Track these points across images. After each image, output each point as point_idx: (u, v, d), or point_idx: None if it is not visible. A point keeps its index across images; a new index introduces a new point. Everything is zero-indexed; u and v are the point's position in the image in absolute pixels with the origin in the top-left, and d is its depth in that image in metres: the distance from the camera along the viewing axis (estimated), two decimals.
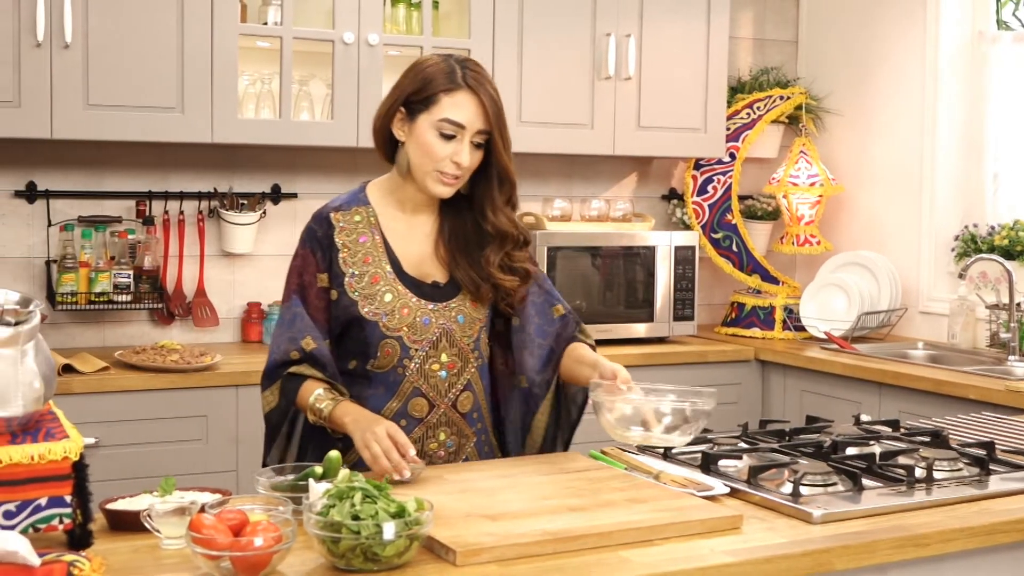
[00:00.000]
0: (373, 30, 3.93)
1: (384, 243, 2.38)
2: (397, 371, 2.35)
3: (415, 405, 2.37)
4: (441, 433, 2.39)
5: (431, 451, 2.38)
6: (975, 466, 2.35)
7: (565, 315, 2.51)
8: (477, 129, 2.29)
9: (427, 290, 2.38)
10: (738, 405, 4.38)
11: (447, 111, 2.28)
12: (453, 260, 2.39)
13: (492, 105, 2.29)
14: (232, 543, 1.69)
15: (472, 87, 2.28)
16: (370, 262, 2.36)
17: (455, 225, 2.42)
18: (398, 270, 2.37)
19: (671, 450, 2.43)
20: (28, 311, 1.76)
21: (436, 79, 2.29)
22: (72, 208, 3.95)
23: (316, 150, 4.22)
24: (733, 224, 4.79)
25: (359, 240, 2.37)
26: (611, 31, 4.31)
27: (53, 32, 3.52)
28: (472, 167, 2.33)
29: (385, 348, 2.34)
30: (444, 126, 2.28)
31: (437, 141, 2.29)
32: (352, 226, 2.38)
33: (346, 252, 2.36)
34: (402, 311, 2.34)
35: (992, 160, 4.52)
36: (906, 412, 3.75)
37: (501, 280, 2.37)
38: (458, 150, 2.29)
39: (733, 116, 4.79)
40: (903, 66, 4.72)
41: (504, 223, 2.36)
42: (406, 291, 2.35)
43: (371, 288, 2.34)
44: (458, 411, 2.40)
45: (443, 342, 2.37)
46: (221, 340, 4.17)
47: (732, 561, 1.80)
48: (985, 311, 4.30)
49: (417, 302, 2.35)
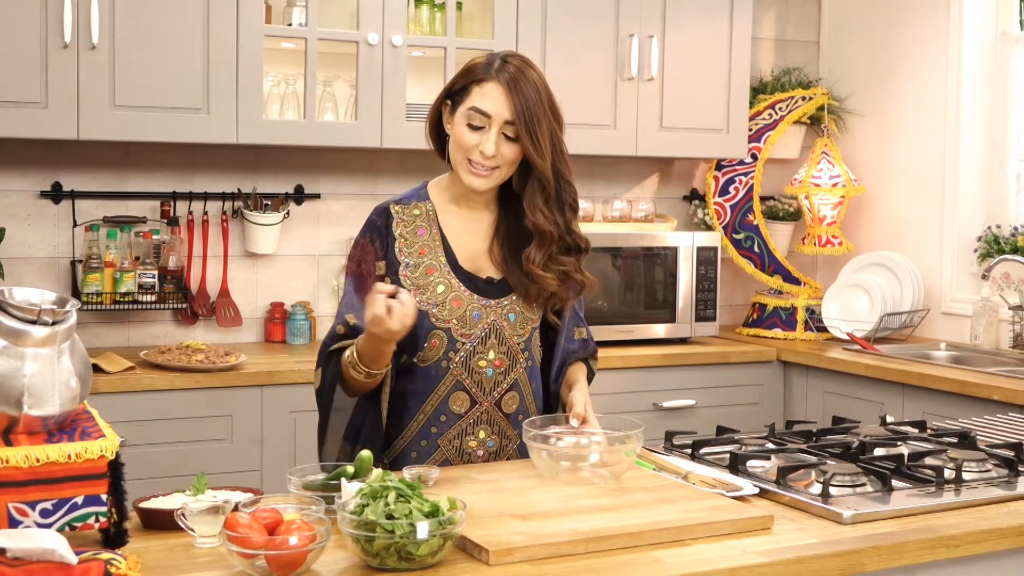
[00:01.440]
0: (397, 31, 3.95)
1: (441, 237, 2.39)
2: (441, 364, 2.35)
3: (456, 399, 2.37)
4: (481, 431, 2.38)
5: (470, 449, 2.38)
6: (1004, 467, 2.35)
7: (586, 340, 2.54)
8: (504, 120, 2.27)
9: (481, 285, 2.38)
10: (760, 406, 4.38)
11: (475, 100, 2.29)
12: (505, 259, 2.39)
13: (519, 98, 2.26)
14: (267, 542, 1.70)
15: (502, 79, 2.27)
16: (426, 254, 2.37)
17: (511, 224, 2.40)
18: (453, 263, 2.37)
19: (699, 450, 2.43)
20: (65, 311, 1.77)
21: (473, 71, 2.31)
22: (97, 208, 3.97)
23: (338, 151, 4.24)
24: (755, 225, 4.78)
25: (416, 232, 2.39)
26: (634, 32, 4.31)
27: (80, 33, 3.55)
28: (507, 160, 2.31)
29: (432, 339, 2.34)
30: (472, 115, 2.29)
31: (466, 130, 2.30)
32: (411, 219, 2.40)
33: (402, 242, 2.37)
34: (453, 303, 2.35)
35: (1015, 161, 4.51)
36: (929, 413, 3.75)
37: (540, 278, 2.35)
38: (484, 140, 2.28)
39: (755, 117, 4.79)
40: (926, 67, 4.71)
41: (542, 222, 2.32)
42: (459, 284, 2.36)
43: (425, 279, 2.35)
44: (502, 411, 2.40)
45: (492, 339, 2.37)
46: (244, 340, 4.19)
47: (764, 561, 1.81)
48: (1008, 312, 4.28)
49: (469, 296, 2.36)
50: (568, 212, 2.37)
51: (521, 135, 2.28)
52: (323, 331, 4.29)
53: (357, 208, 4.35)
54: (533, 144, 2.27)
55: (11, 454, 1.69)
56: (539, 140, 2.27)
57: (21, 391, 1.73)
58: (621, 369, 4.11)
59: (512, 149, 2.30)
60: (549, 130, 2.29)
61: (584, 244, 2.41)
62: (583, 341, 2.54)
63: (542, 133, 2.28)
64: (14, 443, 1.72)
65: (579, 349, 2.52)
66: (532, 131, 2.27)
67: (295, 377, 3.65)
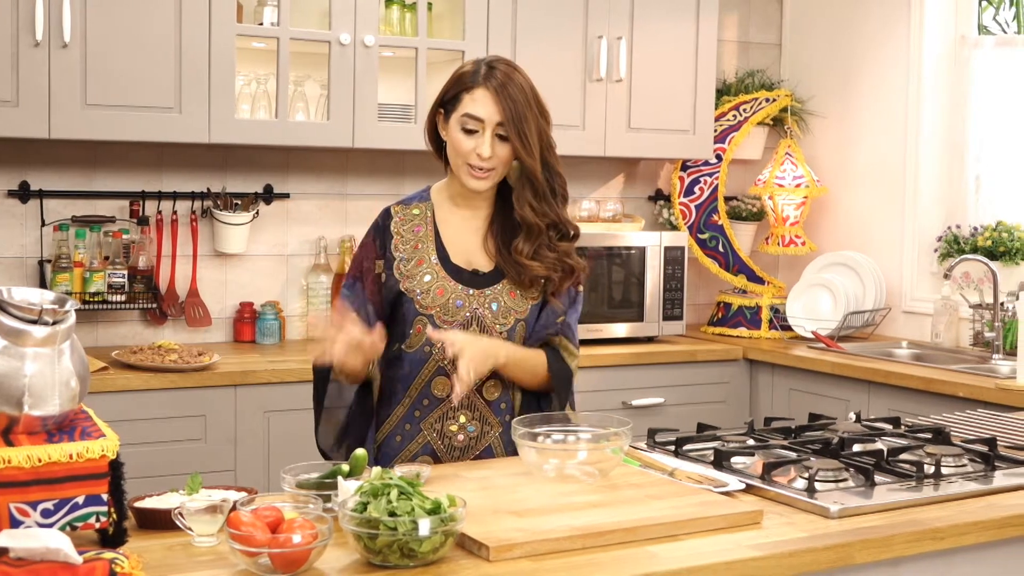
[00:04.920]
0: (369, 31, 3.95)
1: (435, 234, 2.52)
2: (424, 349, 2.46)
3: (438, 384, 2.47)
4: (462, 416, 2.48)
5: (450, 433, 2.48)
6: (980, 462, 2.41)
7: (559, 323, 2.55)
8: (496, 122, 2.40)
9: (466, 276, 2.50)
10: (727, 404, 4.43)
11: (467, 107, 2.42)
12: (499, 252, 2.50)
13: (507, 101, 2.39)
14: (271, 540, 1.71)
15: (490, 84, 2.40)
16: (419, 248, 2.50)
17: (504, 219, 2.52)
18: (443, 257, 2.50)
19: (682, 447, 2.47)
20: (65, 310, 1.77)
21: (462, 79, 2.45)
22: (65, 208, 3.94)
23: (307, 150, 4.24)
24: (720, 225, 4.84)
25: (414, 230, 2.52)
26: (603, 33, 4.35)
27: (52, 32, 3.52)
28: (502, 160, 2.43)
29: (417, 325, 2.47)
30: (466, 121, 2.41)
31: (461, 136, 2.42)
32: (410, 218, 2.54)
33: (399, 239, 2.51)
34: (437, 292, 2.47)
35: (974, 162, 4.59)
36: (895, 410, 3.80)
37: (528, 266, 2.46)
38: (479, 143, 2.40)
39: (720, 118, 4.85)
40: (886, 69, 4.79)
41: (529, 215, 2.44)
42: (446, 275, 2.48)
43: (415, 270, 2.48)
44: (483, 397, 2.49)
45: (473, 326, 2.47)
46: (213, 340, 4.18)
47: (759, 555, 1.84)
48: (968, 311, 4.37)
49: (454, 285, 2.48)
50: (559, 201, 2.49)
51: (510, 135, 2.40)
52: (293, 331, 4.30)
53: (326, 208, 4.35)
54: (522, 143, 2.40)
55: (13, 454, 1.70)
56: (527, 139, 2.40)
57: (22, 391, 1.73)
58: (590, 368, 4.14)
59: (506, 149, 2.43)
60: (537, 128, 2.42)
61: (573, 230, 2.52)
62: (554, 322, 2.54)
63: (530, 132, 2.40)
64: (15, 443, 1.72)
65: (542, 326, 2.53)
66: (521, 131, 2.40)
67: (269, 377, 3.65)
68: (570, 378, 2.57)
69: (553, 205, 2.47)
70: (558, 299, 2.53)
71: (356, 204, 4.40)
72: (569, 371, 2.56)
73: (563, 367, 2.55)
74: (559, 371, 2.53)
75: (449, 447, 2.47)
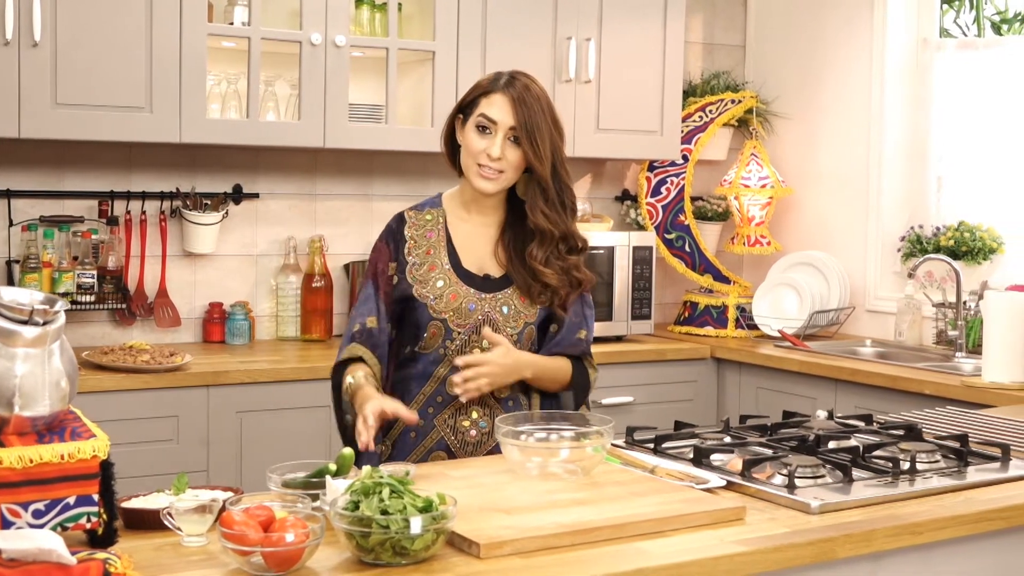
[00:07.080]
0: (340, 31, 3.95)
1: (447, 239, 2.61)
2: (439, 351, 2.56)
3: (451, 382, 2.53)
4: (474, 412, 2.56)
5: (463, 428, 2.56)
6: (953, 458, 2.45)
7: (581, 340, 2.66)
8: (509, 126, 2.49)
9: (478, 281, 2.58)
10: (694, 402, 4.47)
11: (483, 109, 2.52)
12: (510, 259, 2.58)
13: (523, 108, 2.48)
14: (264, 539, 1.72)
15: (508, 91, 2.50)
16: (431, 254, 2.59)
17: (516, 227, 2.60)
18: (455, 263, 2.59)
19: (661, 445, 2.50)
20: (55, 311, 1.77)
21: (481, 85, 2.57)
22: (33, 208, 3.91)
23: (276, 151, 4.23)
24: (686, 225, 4.88)
25: (426, 235, 2.62)
26: (572, 35, 4.37)
27: (22, 31, 3.49)
28: (511, 163, 2.51)
29: (431, 329, 2.55)
30: (480, 120, 2.52)
31: (474, 136, 2.52)
32: (422, 223, 2.63)
33: (412, 243, 2.60)
34: (450, 296, 2.55)
35: (936, 163, 4.66)
36: (861, 407, 3.86)
37: (542, 273, 2.54)
38: (491, 144, 2.49)
39: (686, 119, 4.89)
40: (850, 71, 4.85)
41: (542, 222, 2.53)
42: (458, 280, 2.57)
43: (427, 275, 2.57)
44: (494, 395, 2.56)
45: (485, 328, 2.53)
46: (183, 340, 4.16)
47: (745, 550, 1.87)
48: (931, 309, 4.43)
49: (466, 290, 2.56)
50: (568, 214, 2.57)
51: (523, 140, 2.49)
52: (263, 331, 4.29)
53: (296, 208, 4.34)
54: (533, 149, 2.48)
55: (5, 455, 1.69)
56: (539, 146, 2.49)
57: (12, 392, 1.73)
58: None
59: (516, 154, 2.50)
60: (550, 139, 2.52)
61: (582, 243, 2.61)
62: (579, 340, 2.66)
63: (543, 141, 2.49)
64: (5, 444, 1.72)
65: (569, 344, 2.63)
66: (533, 138, 2.49)
67: (241, 377, 3.64)
68: (588, 387, 2.70)
69: (564, 216, 2.55)
70: (567, 311, 2.60)
71: (325, 204, 4.40)
72: (589, 382, 2.70)
73: (585, 380, 2.68)
74: (581, 383, 2.67)
75: (462, 442, 2.55)
